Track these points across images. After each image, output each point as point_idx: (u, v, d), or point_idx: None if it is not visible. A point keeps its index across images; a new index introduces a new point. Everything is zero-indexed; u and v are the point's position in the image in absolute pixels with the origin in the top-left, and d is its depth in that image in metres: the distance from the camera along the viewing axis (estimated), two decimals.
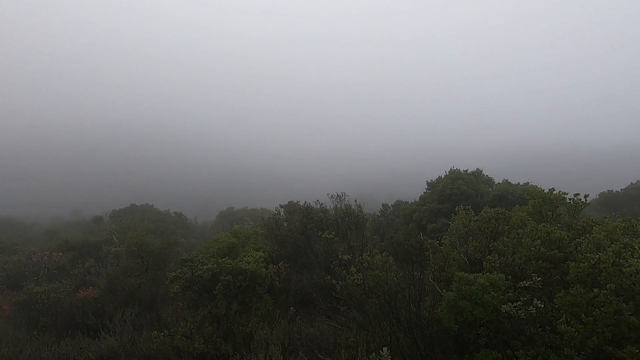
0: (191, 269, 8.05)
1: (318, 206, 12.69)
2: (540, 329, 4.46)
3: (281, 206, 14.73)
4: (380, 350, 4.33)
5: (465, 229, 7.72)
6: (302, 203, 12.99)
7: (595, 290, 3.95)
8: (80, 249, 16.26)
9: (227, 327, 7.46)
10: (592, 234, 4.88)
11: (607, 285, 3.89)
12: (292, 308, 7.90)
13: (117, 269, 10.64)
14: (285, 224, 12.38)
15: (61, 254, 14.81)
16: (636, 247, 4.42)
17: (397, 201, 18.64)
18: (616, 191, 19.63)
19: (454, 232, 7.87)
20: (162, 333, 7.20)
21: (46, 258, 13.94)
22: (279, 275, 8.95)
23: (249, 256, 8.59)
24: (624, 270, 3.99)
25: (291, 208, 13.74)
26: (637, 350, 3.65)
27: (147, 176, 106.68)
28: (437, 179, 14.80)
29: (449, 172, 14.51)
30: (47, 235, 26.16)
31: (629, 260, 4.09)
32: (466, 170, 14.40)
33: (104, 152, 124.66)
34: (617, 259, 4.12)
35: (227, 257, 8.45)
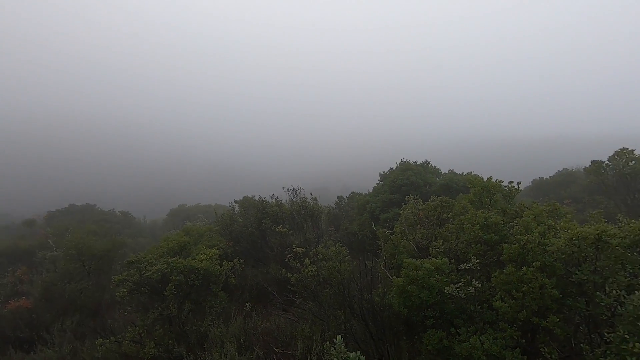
0: (139, 271, 7.65)
1: (273, 200, 12.60)
2: (479, 307, 4.84)
3: (236, 201, 14.42)
4: (334, 339, 4.44)
5: (414, 217, 8.11)
6: (257, 198, 12.83)
7: (524, 268, 4.37)
8: (10, 256, 14.71)
9: (180, 328, 7.22)
10: (523, 217, 5.36)
11: (534, 263, 4.31)
12: (248, 304, 7.82)
13: (54, 275, 9.82)
14: (240, 220, 12.16)
15: None
16: (558, 228, 4.94)
17: (351, 193, 19.02)
18: (546, 178, 21.71)
19: (403, 221, 8.23)
20: (108, 340, 6.79)
21: None
22: (234, 271, 8.80)
23: (202, 254, 8.33)
24: (548, 249, 4.45)
25: (246, 203, 13.51)
26: (558, 320, 4.11)
27: (88, 174, 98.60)
28: (388, 171, 15.34)
29: (399, 163, 15.09)
30: None
31: (551, 240, 4.56)
32: (416, 162, 15.07)
33: (37, 149, 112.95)
34: (542, 239, 4.58)
35: (179, 256, 8.13)
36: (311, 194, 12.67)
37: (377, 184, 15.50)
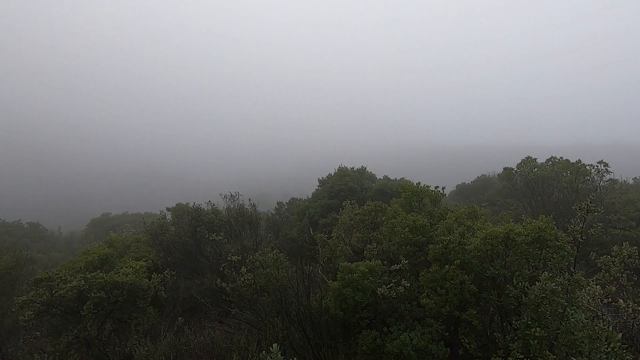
0: (50, 289, 6.77)
1: (209, 207, 12.08)
2: (408, 305, 5.14)
3: (168, 209, 13.53)
4: (270, 348, 4.36)
5: (351, 221, 8.37)
6: (192, 205, 12.19)
7: (447, 266, 4.74)
8: None
9: (100, 351, 6.53)
10: (446, 219, 5.83)
11: (455, 262, 4.70)
12: (180, 318, 7.34)
13: None
14: (172, 228, 11.42)
15: None
16: (475, 229, 5.45)
17: (291, 199, 19.03)
18: (467, 183, 23.96)
19: (341, 225, 8.45)
20: None
21: None
22: (164, 284, 8.23)
23: (127, 267, 7.66)
24: (466, 248, 4.89)
25: (179, 211, 12.75)
26: (476, 312, 4.52)
27: None
28: (327, 176, 15.65)
29: (337, 169, 15.49)
30: None
31: (470, 240, 5.02)
32: (353, 168, 15.60)
33: None
34: (462, 239, 5.02)
35: (100, 271, 7.37)
36: (250, 200, 12.39)
37: (316, 189, 15.71)
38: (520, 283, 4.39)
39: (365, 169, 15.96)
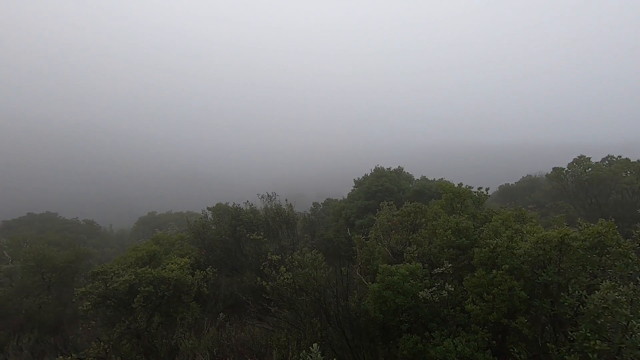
0: (104, 282, 7.27)
1: (248, 207, 12.40)
2: (452, 310, 4.95)
3: (209, 209, 14.06)
4: (310, 347, 4.39)
5: (389, 223, 8.23)
6: (231, 205, 12.58)
7: (494, 271, 4.52)
8: None
9: (149, 342, 6.90)
10: (492, 222, 5.56)
11: (503, 266, 4.47)
12: (221, 314, 7.60)
13: (10, 289, 9.13)
14: (213, 227, 11.86)
15: None
16: (524, 232, 5.15)
17: (327, 199, 19.08)
18: (511, 184, 22.74)
19: (378, 226, 8.33)
20: (70, 357, 6.37)
21: None
22: (207, 281, 8.55)
23: (172, 263, 8.04)
24: (515, 252, 4.63)
25: (219, 210, 13.21)
26: (526, 320, 4.27)
27: (49, 181, 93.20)
28: (363, 177, 15.53)
29: (374, 170, 15.31)
30: None
31: (519, 244, 4.75)
32: (389, 168, 15.35)
33: None
34: (510, 243, 4.76)
35: (148, 266, 7.81)
36: (286, 200, 12.57)
37: (352, 190, 15.63)
38: (577, 291, 4.09)
39: (402, 169, 15.65)
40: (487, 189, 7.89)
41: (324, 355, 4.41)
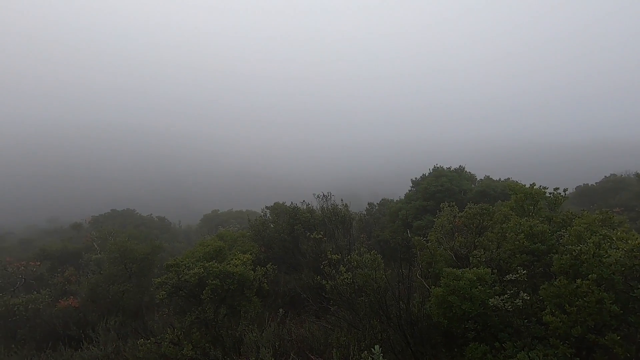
0: (177, 274, 7.89)
1: (304, 207, 12.65)
2: (526, 321, 4.57)
3: (267, 207, 14.60)
4: (371, 349, 4.34)
5: (451, 225, 7.85)
6: (288, 204, 12.93)
7: (578, 281, 4.08)
8: (59, 258, 15.67)
9: (216, 332, 7.35)
10: (573, 226, 5.04)
11: (589, 276, 4.02)
12: (281, 310, 7.84)
13: (99, 276, 10.32)
14: (272, 226, 12.29)
15: (39, 263, 14.26)
16: (614, 238, 4.58)
17: (382, 199, 18.76)
18: (591, 185, 20.39)
19: (439, 228, 7.98)
20: (149, 341, 7.02)
21: (22, 268, 13.39)
22: (267, 277, 8.87)
23: (236, 259, 8.48)
24: (604, 260, 4.13)
25: (277, 209, 13.65)
26: (619, 337, 3.79)
27: (128, 180, 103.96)
28: (421, 177, 15.00)
29: (432, 169, 14.71)
30: (23, 244, 25.12)
31: (608, 251, 4.24)
32: (449, 168, 14.64)
33: (81, 157, 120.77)
34: (597, 250, 4.26)
35: (214, 261, 8.31)
36: (342, 200, 12.60)
37: (409, 190, 15.20)
38: None
39: (463, 168, 14.83)
40: (564, 190, 7.18)
41: (384, 357, 4.33)
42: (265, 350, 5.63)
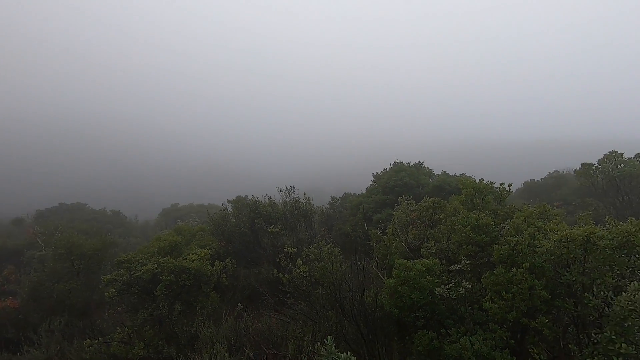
0: (129, 271, 7.55)
1: (266, 200, 12.54)
2: (469, 308, 4.86)
3: (229, 201, 14.31)
4: (325, 339, 4.42)
5: (407, 218, 8.13)
6: (250, 198, 12.76)
7: (514, 269, 4.40)
8: None
9: (170, 329, 7.15)
10: (513, 219, 5.40)
11: (523, 265, 4.34)
12: (239, 304, 7.77)
13: (43, 274, 9.65)
14: (233, 220, 12.07)
15: None
16: (548, 230, 4.98)
17: (345, 193, 19.03)
18: (537, 180, 21.95)
19: (396, 221, 8.25)
20: (97, 341, 6.70)
21: None
22: (225, 271, 8.74)
23: (193, 254, 8.26)
24: (537, 250, 4.48)
25: (239, 203, 13.42)
26: (547, 320, 4.14)
27: (78, 173, 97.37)
28: (382, 172, 15.39)
29: (393, 164, 15.14)
30: None
31: (541, 242, 4.60)
32: (409, 163, 15.13)
33: (24, 148, 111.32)
34: (532, 240, 4.61)
35: (170, 256, 8.05)
36: (304, 194, 12.63)
37: (370, 184, 15.53)
38: (602, 292, 3.93)
39: (422, 164, 15.40)
40: (509, 185, 7.66)
41: (338, 348, 4.43)
42: (219, 346, 5.56)
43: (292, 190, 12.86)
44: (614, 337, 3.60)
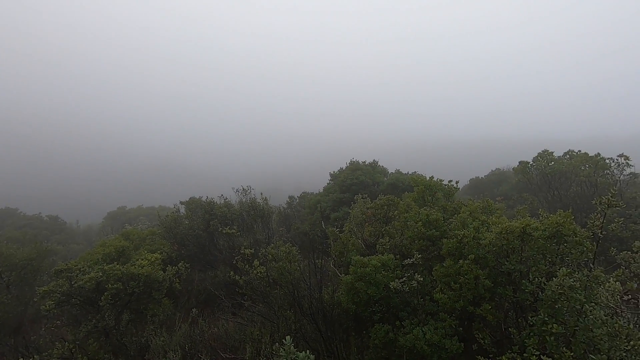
0: (69, 280, 6.96)
1: (222, 201, 12.20)
2: (421, 299, 5.10)
3: (181, 203, 13.72)
4: (283, 340, 4.40)
5: (363, 215, 8.34)
6: (204, 199, 12.33)
7: (461, 261, 4.69)
8: None
9: (118, 340, 6.70)
10: (460, 213, 5.75)
11: (469, 256, 4.64)
12: (194, 310, 7.48)
13: None
14: (186, 222, 11.59)
15: None
16: (490, 223, 5.36)
17: (303, 192, 19.06)
18: (481, 177, 23.56)
19: (352, 219, 8.43)
20: (32, 359, 6.08)
21: None
22: (179, 276, 8.36)
23: (142, 259, 7.81)
24: (481, 242, 4.81)
25: (193, 204, 12.91)
26: (490, 307, 4.46)
27: (8, 175, 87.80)
28: (339, 170, 15.61)
29: (349, 163, 15.42)
30: None
31: (484, 234, 4.94)
32: (365, 162, 15.51)
33: None
34: (477, 233, 4.94)
35: (116, 263, 7.54)
36: (262, 194, 12.46)
37: (327, 183, 15.70)
38: (536, 279, 4.31)
39: (377, 162, 15.85)
40: (457, 182, 8.13)
41: (297, 347, 4.43)
42: (173, 354, 5.32)
43: (249, 190, 12.63)
44: (546, 318, 3.97)
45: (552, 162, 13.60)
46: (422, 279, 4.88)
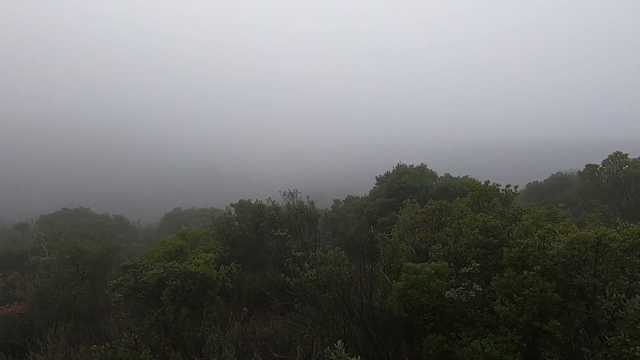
0: (134, 275, 7.54)
1: (270, 204, 12.53)
2: (479, 311, 4.83)
3: (232, 205, 14.31)
4: (334, 344, 4.39)
5: (412, 221, 8.12)
6: (253, 201, 12.76)
7: (525, 272, 4.37)
8: (1, 261, 14.45)
9: (177, 334, 7.11)
10: (522, 221, 5.38)
11: (534, 267, 4.31)
12: (245, 308, 7.74)
13: (48, 280, 9.63)
14: (236, 223, 12.05)
15: None
16: (557, 232, 4.95)
17: (348, 196, 19.02)
18: (540, 182, 21.89)
19: (401, 224, 8.24)
20: (103, 346, 6.66)
21: None
22: (231, 276, 8.70)
23: (198, 258, 8.25)
24: (548, 252, 4.46)
25: (242, 207, 13.41)
26: (559, 323, 4.11)
27: (81, 177, 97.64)
28: (385, 174, 15.37)
29: (396, 167, 15.13)
30: None
31: (551, 244, 4.57)
32: (412, 165, 15.13)
33: (28, 152, 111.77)
34: (542, 242, 4.59)
35: (175, 261, 8.03)
36: (308, 197, 12.62)
37: (374, 187, 15.53)
38: (615, 294, 3.89)
39: (425, 166, 15.38)
40: (515, 187, 7.65)
41: (347, 352, 4.40)
42: (227, 351, 5.53)
43: (296, 194, 12.85)
44: (627, 340, 3.56)
45: (627, 165, 12.28)
46: (480, 288, 4.62)
